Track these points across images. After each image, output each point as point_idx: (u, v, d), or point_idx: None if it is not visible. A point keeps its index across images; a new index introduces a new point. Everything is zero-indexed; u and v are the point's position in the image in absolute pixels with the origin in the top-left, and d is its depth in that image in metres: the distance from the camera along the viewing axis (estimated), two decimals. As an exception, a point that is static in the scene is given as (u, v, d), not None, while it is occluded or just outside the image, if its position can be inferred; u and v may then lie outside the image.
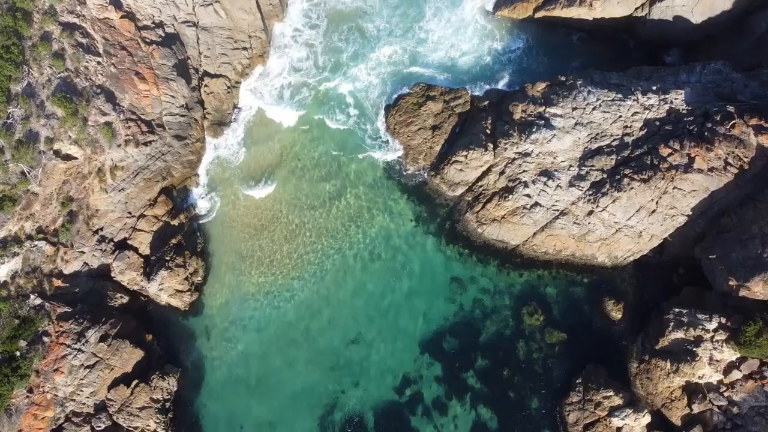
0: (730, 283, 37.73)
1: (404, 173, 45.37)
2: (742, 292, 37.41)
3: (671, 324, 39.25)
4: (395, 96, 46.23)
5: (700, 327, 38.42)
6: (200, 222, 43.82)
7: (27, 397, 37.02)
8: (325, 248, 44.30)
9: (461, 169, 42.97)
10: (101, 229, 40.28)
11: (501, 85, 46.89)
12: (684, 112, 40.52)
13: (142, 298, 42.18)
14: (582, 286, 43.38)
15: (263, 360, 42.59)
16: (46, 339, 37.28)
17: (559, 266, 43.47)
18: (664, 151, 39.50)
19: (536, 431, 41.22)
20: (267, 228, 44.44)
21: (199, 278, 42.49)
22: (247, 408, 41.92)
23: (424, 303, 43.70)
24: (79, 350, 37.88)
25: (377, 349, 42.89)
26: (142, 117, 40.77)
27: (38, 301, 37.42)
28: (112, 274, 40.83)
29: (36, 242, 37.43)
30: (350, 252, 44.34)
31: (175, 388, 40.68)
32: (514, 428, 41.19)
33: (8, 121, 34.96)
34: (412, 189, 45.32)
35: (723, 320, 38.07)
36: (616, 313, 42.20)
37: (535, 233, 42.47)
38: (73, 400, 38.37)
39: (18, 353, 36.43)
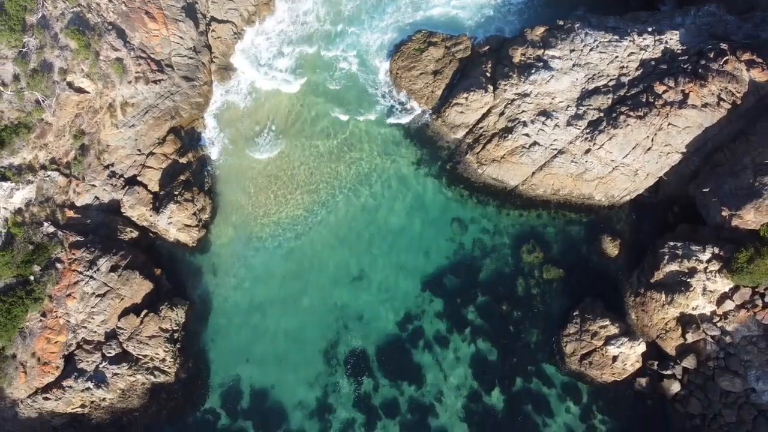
0: (723, 213, 38.87)
1: (406, 118, 46.45)
2: (735, 222, 38.55)
3: (666, 257, 40.35)
4: (397, 43, 47.41)
5: (694, 258, 39.54)
6: (208, 163, 44.89)
7: (40, 321, 38.14)
8: (328, 190, 45.39)
9: (462, 111, 44.07)
10: (112, 164, 41.41)
11: (501, 33, 48.05)
12: (679, 51, 41.65)
13: (151, 234, 43.30)
14: (579, 226, 44.50)
15: (268, 296, 43.66)
16: (58, 265, 38.40)
17: (558, 206, 44.58)
18: (659, 88, 40.62)
19: (534, 363, 42.36)
20: (272, 171, 45.49)
21: (207, 216, 43.60)
22: (252, 342, 43.01)
23: (426, 243, 44.79)
24: (91, 277, 39.00)
25: (379, 287, 43.97)
26: (152, 56, 41.90)
27: (51, 229, 38.54)
28: (122, 210, 41.94)
29: (49, 172, 38.55)
30: (353, 194, 45.43)
31: (183, 320, 41.79)
32: (513, 360, 42.30)
33: (24, 50, 36.10)
34: (414, 133, 46.42)
35: (716, 250, 39.18)
36: (613, 250, 43.33)
37: (533, 173, 43.59)
38: (85, 327, 39.50)
39: (32, 278, 37.55)
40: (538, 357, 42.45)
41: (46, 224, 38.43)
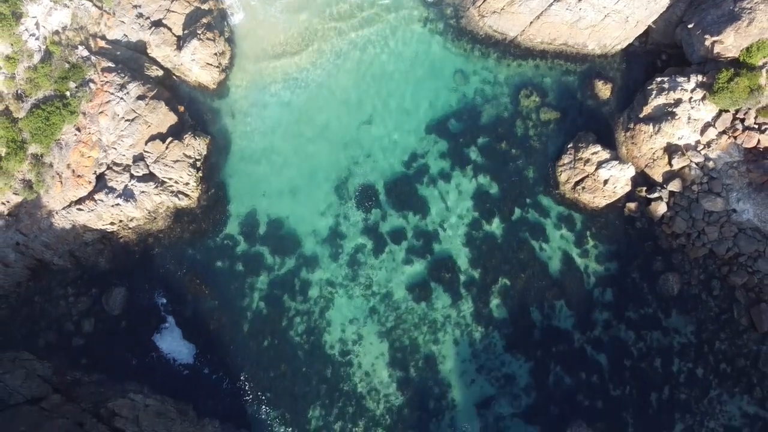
0: (706, 42, 42.00)
1: (413, -20, 49.50)
2: (717, 49, 41.66)
3: (654, 92, 43.48)
4: None
5: (680, 89, 42.67)
6: (228, 14, 47.69)
7: (75, 135, 41.22)
8: (340, 44, 48.27)
9: (465, -33, 47.21)
10: (139, 6, 44.48)
11: None
12: None
13: (175, 77, 46.37)
14: (574, 75, 47.59)
15: (284, 137, 46.64)
16: (92, 85, 41.50)
17: (554, 56, 47.62)
18: (648, -67, 43.75)
19: (531, 195, 45.47)
20: (289, 25, 48.36)
21: (226, 61, 46.65)
22: (268, 178, 46.04)
23: (430, 93, 47.79)
24: (121, 99, 42.08)
25: (387, 130, 46.93)
26: None
27: (85, 53, 41.63)
28: (148, 50, 44.99)
29: (83, 1, 41.65)
30: (364, 48, 48.29)
31: (205, 153, 44.91)
32: (511, 191, 45.41)
33: None
34: (420, -8, 49.44)
35: (700, 78, 42.31)
36: (605, 92, 46.47)
37: (531, 22, 46.60)
38: (114, 149, 42.55)
39: (68, 93, 40.65)
40: (535, 189, 45.55)
41: (80, 47, 41.53)
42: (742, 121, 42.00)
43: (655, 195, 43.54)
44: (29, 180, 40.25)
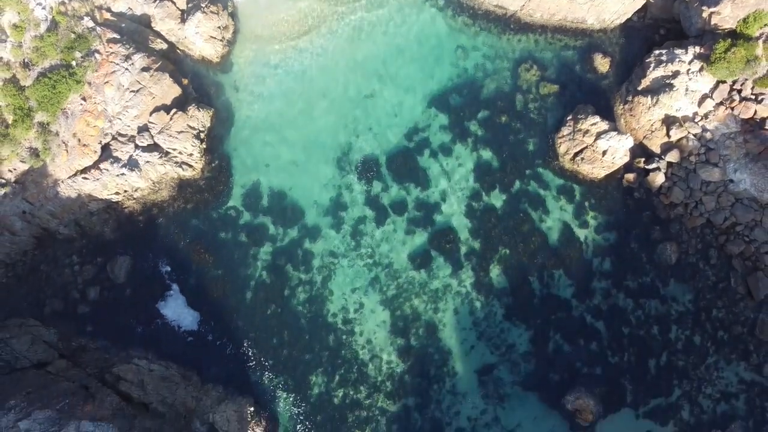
0: (703, 14, 42.54)
1: (414, -44, 50.09)
2: (714, 20, 42.19)
3: (652, 65, 44.03)
4: None
5: (677, 60, 43.21)
6: (231, -6, 48.35)
7: (81, 104, 41.74)
8: (343, 20, 48.65)
9: (465, -57, 47.77)
10: (143, -21, 45.04)
11: None
12: None
13: (179, 51, 46.91)
14: (574, 49, 48.06)
15: (287, 111, 47.11)
16: (97, 56, 42.03)
17: (553, 31, 48.08)
18: None
19: (531, 167, 46.00)
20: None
21: (230, 35, 47.18)
22: (271, 150, 46.56)
23: (431, 68, 48.23)
24: (126, 70, 42.60)
25: (389, 104, 47.48)
26: None
27: (90, 24, 42.15)
28: (153, 23, 45.51)
29: (88, -28, 42.28)
30: (366, 23, 48.79)
31: (209, 125, 45.46)
32: (510, 164, 45.94)
33: None
34: (421, -33, 49.98)
35: (697, 49, 42.84)
36: (604, 67, 46.99)
37: (531, -4, 47.30)
38: (119, 119, 43.06)
39: (74, 63, 41.20)
40: (535, 161, 46.09)
41: (86, 18, 42.07)
42: (739, 92, 42.52)
43: (653, 166, 44.10)
44: (36, 148, 40.80)
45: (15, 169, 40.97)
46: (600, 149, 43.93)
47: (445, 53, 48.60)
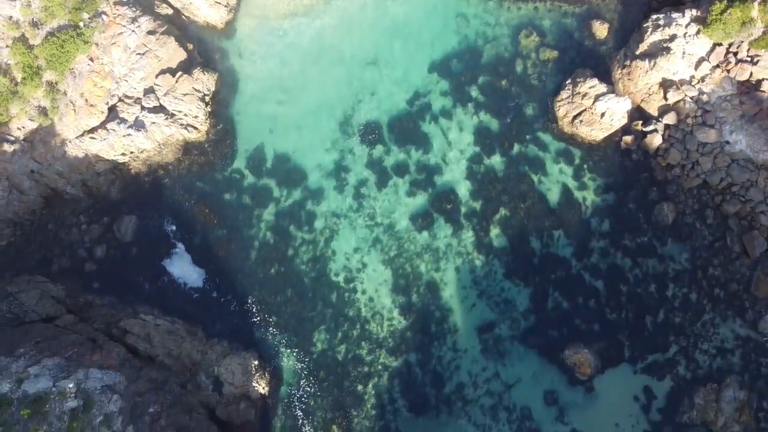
0: (700, -23, 43.34)
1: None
2: (710, -19, 42.96)
3: (649, 29, 44.77)
4: None
5: (675, 24, 43.93)
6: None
7: (88, 65, 42.47)
8: (345, -12, 49.66)
9: None
10: (150, -55, 45.77)
11: None
12: None
13: (184, 17, 47.61)
14: (572, 16, 48.72)
15: (290, 76, 47.83)
16: (104, 17, 42.75)
17: (553, -1, 49.05)
18: None
19: (531, 131, 46.71)
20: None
21: (234, 0, 47.92)
22: (275, 114, 47.31)
23: (433, 35, 48.94)
24: (133, 32, 43.33)
25: (391, 70, 48.20)
26: None
27: (98, -14, 42.97)
28: (158, -11, 46.34)
29: (96, -66, 42.93)
30: (369, -8, 49.75)
31: (214, 88, 46.19)
32: (510, 128, 46.66)
33: None
34: (423, -61, 50.73)
35: (694, 12, 43.59)
36: (602, 33, 47.70)
37: (531, -36, 48.05)
38: (126, 81, 43.80)
39: (81, 23, 41.92)
40: (535, 126, 46.81)
41: (93, -20, 42.82)
42: (735, 54, 43.24)
43: (651, 128, 44.84)
44: (44, 106, 41.53)
45: (24, 127, 41.70)
46: (598, 111, 44.65)
47: (446, 20, 49.30)
